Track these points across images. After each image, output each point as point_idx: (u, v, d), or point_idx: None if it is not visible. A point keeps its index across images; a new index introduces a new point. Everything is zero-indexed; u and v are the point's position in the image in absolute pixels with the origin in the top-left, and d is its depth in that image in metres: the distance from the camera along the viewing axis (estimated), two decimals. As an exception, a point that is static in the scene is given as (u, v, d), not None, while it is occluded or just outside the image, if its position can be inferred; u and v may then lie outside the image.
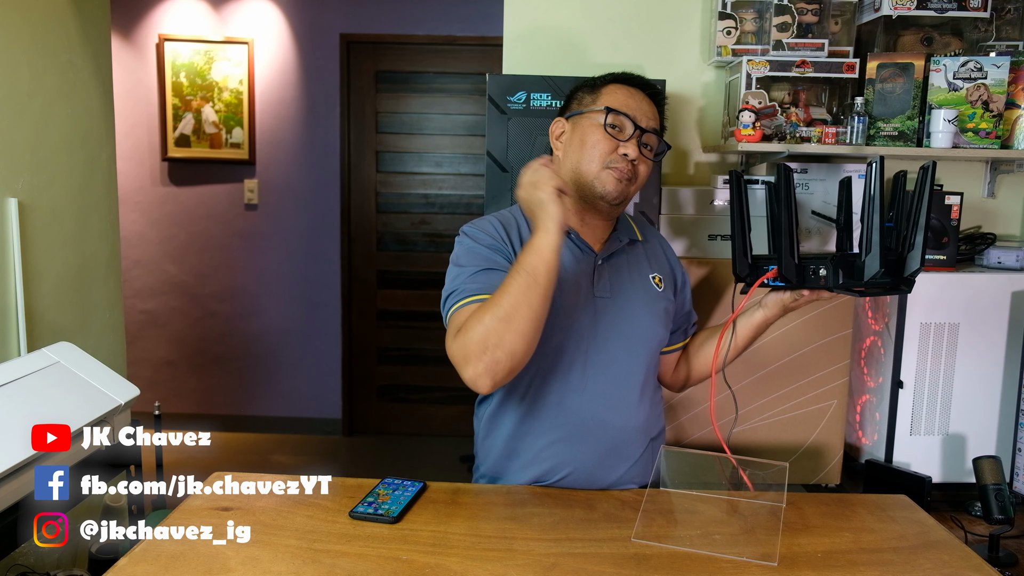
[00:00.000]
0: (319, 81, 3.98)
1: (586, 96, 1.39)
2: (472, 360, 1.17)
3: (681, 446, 1.76)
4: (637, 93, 1.38)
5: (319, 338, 4.15)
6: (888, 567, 1.11)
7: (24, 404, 1.46)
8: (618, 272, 1.41)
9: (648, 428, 1.42)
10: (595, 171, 1.34)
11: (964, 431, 1.75)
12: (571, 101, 1.43)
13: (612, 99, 1.36)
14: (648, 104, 1.39)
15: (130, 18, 3.93)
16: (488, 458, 1.42)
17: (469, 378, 1.19)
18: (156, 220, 4.09)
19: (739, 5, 1.93)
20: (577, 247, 1.39)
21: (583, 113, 1.38)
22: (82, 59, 2.42)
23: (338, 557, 1.09)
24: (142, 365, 4.14)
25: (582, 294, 1.35)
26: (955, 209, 1.80)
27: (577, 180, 1.36)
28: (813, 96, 1.91)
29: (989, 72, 1.85)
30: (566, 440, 1.35)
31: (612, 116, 1.34)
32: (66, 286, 2.35)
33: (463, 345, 1.18)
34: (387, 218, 4.08)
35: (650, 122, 1.37)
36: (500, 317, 1.16)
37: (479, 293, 1.25)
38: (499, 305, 1.17)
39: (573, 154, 1.37)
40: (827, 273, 1.27)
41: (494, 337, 1.15)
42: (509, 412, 1.38)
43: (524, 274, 1.18)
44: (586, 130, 1.36)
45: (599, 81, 1.41)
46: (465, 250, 1.34)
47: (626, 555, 1.12)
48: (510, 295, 1.17)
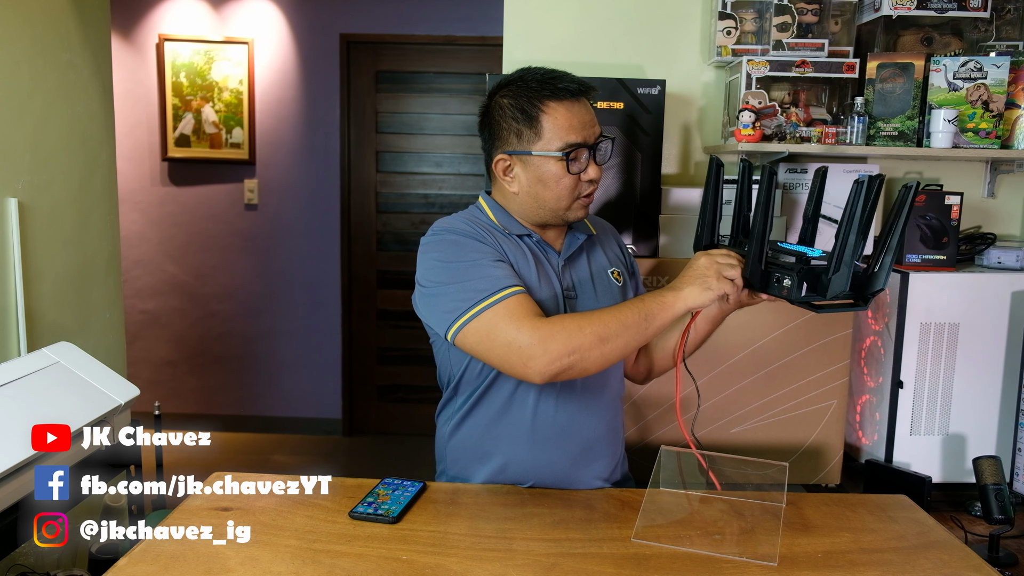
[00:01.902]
0: (319, 81, 3.98)
1: (524, 129, 1.29)
2: (551, 356, 1.17)
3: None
4: (574, 104, 1.29)
5: (319, 338, 4.15)
6: (888, 567, 1.12)
7: (24, 404, 1.46)
8: (581, 271, 1.40)
9: (616, 425, 1.44)
10: (565, 206, 1.32)
11: (964, 431, 1.75)
12: (503, 132, 1.32)
13: (556, 126, 1.28)
14: (586, 107, 1.31)
15: (130, 18, 3.93)
16: (456, 460, 1.41)
17: (538, 368, 1.17)
18: (156, 220, 4.09)
19: (739, 5, 1.93)
20: (541, 251, 1.37)
21: (531, 155, 1.29)
22: (82, 59, 2.42)
23: (338, 557, 1.09)
24: (142, 365, 4.14)
25: (552, 295, 1.34)
26: (955, 209, 1.80)
27: (543, 214, 1.34)
28: (813, 96, 1.91)
29: (989, 72, 1.85)
30: (539, 443, 1.35)
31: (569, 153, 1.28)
32: (66, 286, 2.35)
33: (546, 337, 1.17)
34: (387, 218, 4.08)
35: (596, 127, 1.31)
36: (600, 335, 1.18)
37: (516, 284, 1.24)
38: (604, 324, 1.19)
39: (534, 192, 1.32)
40: (791, 285, 1.20)
41: (585, 349, 1.17)
42: (481, 414, 1.37)
43: (641, 313, 1.20)
44: (542, 170, 1.30)
45: (529, 104, 1.29)
46: (456, 247, 1.30)
47: (626, 555, 1.12)
48: (618, 322, 1.19)
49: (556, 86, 1.29)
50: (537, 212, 1.35)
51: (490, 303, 1.21)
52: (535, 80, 1.30)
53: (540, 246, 1.37)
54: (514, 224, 1.37)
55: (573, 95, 1.29)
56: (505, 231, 1.35)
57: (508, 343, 1.19)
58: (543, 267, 1.35)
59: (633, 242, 1.89)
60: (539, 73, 1.31)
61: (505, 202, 1.38)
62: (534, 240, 1.37)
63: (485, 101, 1.37)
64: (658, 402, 1.75)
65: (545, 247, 1.38)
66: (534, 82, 1.30)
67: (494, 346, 1.21)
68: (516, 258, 1.32)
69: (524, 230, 1.36)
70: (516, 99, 1.30)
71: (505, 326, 1.19)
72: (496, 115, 1.33)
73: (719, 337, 1.47)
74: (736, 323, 1.43)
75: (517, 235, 1.36)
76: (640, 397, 1.76)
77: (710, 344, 1.48)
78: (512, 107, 1.31)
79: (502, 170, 1.34)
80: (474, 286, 1.23)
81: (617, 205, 1.87)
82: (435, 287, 1.28)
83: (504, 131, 1.32)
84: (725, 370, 1.74)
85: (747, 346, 1.74)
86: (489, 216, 1.38)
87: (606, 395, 1.41)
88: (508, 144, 1.32)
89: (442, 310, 1.26)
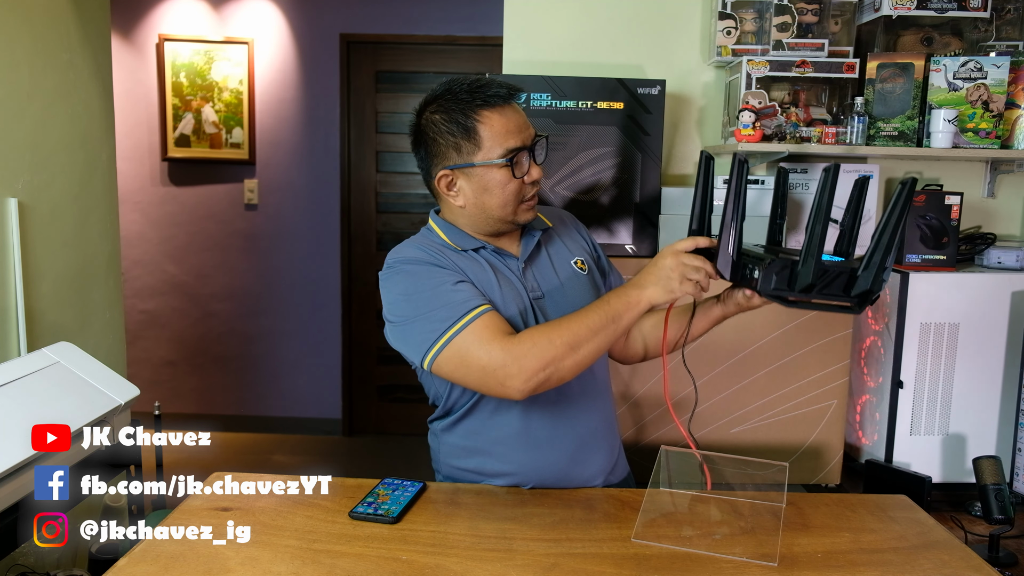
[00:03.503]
0: (319, 81, 3.98)
1: (463, 142, 1.28)
2: (527, 373, 1.18)
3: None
4: (506, 109, 1.29)
5: (319, 338, 4.15)
6: (888, 567, 1.12)
7: (24, 404, 1.46)
8: (543, 269, 1.39)
9: (608, 415, 1.44)
10: (512, 211, 1.32)
11: (964, 431, 1.75)
12: (440, 147, 1.31)
13: (494, 134, 1.27)
14: (516, 111, 1.31)
15: (130, 18, 3.93)
16: (451, 469, 1.41)
17: (516, 386, 1.18)
18: (156, 220, 4.09)
19: (739, 5, 1.93)
20: (499, 259, 1.36)
21: (474, 166, 1.29)
22: (82, 59, 2.42)
23: (338, 557, 1.09)
24: (142, 365, 4.14)
25: (520, 301, 1.33)
26: (955, 209, 1.80)
27: (492, 223, 1.34)
28: (813, 96, 1.91)
29: (989, 72, 1.85)
30: (534, 445, 1.34)
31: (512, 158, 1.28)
32: (66, 286, 2.35)
33: (519, 356, 1.18)
34: (387, 218, 4.08)
35: (530, 128, 1.31)
36: (570, 344, 1.19)
37: (480, 304, 1.24)
38: (573, 332, 1.19)
39: (480, 202, 1.32)
40: (760, 276, 1.17)
41: (558, 360, 1.18)
42: (472, 424, 1.36)
43: (608, 316, 1.21)
44: (487, 179, 1.29)
45: (463, 116, 1.28)
46: (414, 277, 1.29)
47: (626, 555, 1.12)
48: (587, 328, 1.20)
49: (487, 94, 1.27)
50: (486, 222, 1.34)
51: (457, 329, 1.22)
52: (463, 91, 1.28)
53: (497, 255, 1.36)
54: (466, 239, 1.35)
55: (504, 99, 1.29)
56: (458, 249, 1.34)
57: (483, 367, 1.20)
58: (503, 276, 1.34)
59: (633, 242, 1.89)
60: (465, 83, 1.29)
61: (453, 218, 1.37)
62: (489, 251, 1.36)
63: (414, 120, 1.35)
64: (658, 402, 1.75)
65: (503, 255, 1.37)
66: (463, 93, 1.28)
67: (469, 372, 1.22)
68: (475, 274, 1.31)
69: (477, 243, 1.35)
70: (448, 113, 1.29)
71: (476, 350, 1.20)
72: (430, 132, 1.32)
73: (720, 337, 1.46)
74: (736, 323, 1.43)
75: (472, 250, 1.35)
76: (640, 397, 1.76)
77: (711, 344, 1.48)
78: (446, 121, 1.29)
79: (445, 186, 1.33)
80: (438, 315, 1.23)
81: (617, 205, 1.87)
82: (402, 323, 1.29)
83: (441, 147, 1.31)
84: (725, 370, 1.74)
85: (747, 346, 1.74)
86: (440, 236, 1.37)
87: (593, 386, 1.40)
88: (448, 159, 1.31)
89: (413, 343, 1.27)
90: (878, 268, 1.13)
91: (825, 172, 1.13)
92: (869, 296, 1.16)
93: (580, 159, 1.84)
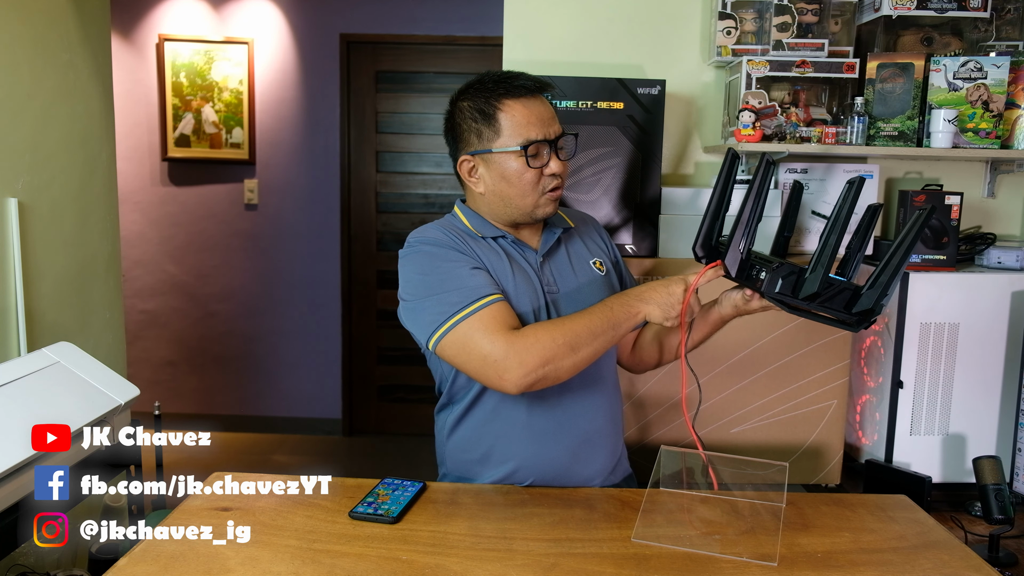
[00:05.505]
0: (319, 81, 3.98)
1: (484, 128, 1.32)
2: (526, 368, 1.19)
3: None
4: (531, 101, 1.32)
5: (319, 338, 4.15)
6: (888, 567, 1.12)
7: (24, 404, 1.46)
8: (561, 266, 1.41)
9: (615, 416, 1.44)
10: (532, 203, 1.34)
11: (964, 431, 1.75)
12: (464, 134, 1.35)
13: (514, 123, 1.30)
14: (544, 105, 1.33)
15: (130, 18, 3.93)
16: (456, 460, 1.42)
17: (513, 380, 1.20)
18: (156, 220, 4.09)
19: (739, 5, 1.93)
20: (518, 250, 1.38)
21: (492, 152, 1.32)
22: (82, 59, 2.42)
23: (338, 557, 1.09)
24: (142, 365, 4.14)
25: (535, 295, 1.34)
26: (955, 209, 1.80)
27: (512, 212, 1.36)
28: (813, 96, 1.91)
29: (989, 72, 1.85)
30: (537, 439, 1.35)
31: (527, 147, 1.30)
32: (66, 286, 2.35)
33: (521, 350, 1.20)
34: (387, 218, 4.08)
35: (556, 125, 1.33)
36: (570, 344, 1.21)
37: (492, 292, 1.26)
38: (575, 333, 1.22)
39: (499, 191, 1.34)
40: (766, 278, 1.18)
41: (557, 359, 1.20)
42: (477, 414, 1.37)
43: (609, 321, 1.23)
44: (504, 167, 1.32)
45: (486, 103, 1.32)
46: (432, 258, 1.32)
47: (626, 555, 1.12)
48: (588, 331, 1.22)
49: (512, 84, 1.32)
50: (506, 211, 1.36)
51: (465, 315, 1.23)
52: (492, 81, 1.33)
53: (516, 246, 1.38)
54: (487, 227, 1.38)
55: (530, 92, 1.32)
56: (479, 235, 1.36)
57: (483, 356, 1.21)
58: (519, 267, 1.35)
59: (633, 242, 1.89)
60: (496, 74, 1.34)
61: (476, 206, 1.40)
62: (509, 240, 1.38)
63: (448, 108, 1.39)
64: (659, 401, 1.76)
65: (522, 246, 1.39)
66: (491, 83, 1.33)
67: (470, 359, 1.23)
68: (492, 262, 1.33)
69: (497, 231, 1.38)
70: (474, 101, 1.33)
71: (480, 339, 1.22)
72: (457, 119, 1.36)
73: (720, 337, 1.47)
74: (736, 323, 1.43)
75: (492, 237, 1.37)
76: (641, 396, 1.76)
77: (711, 344, 1.48)
78: (471, 109, 1.34)
79: (467, 171, 1.37)
80: (449, 298, 1.25)
81: (617, 205, 1.87)
82: (414, 300, 1.31)
83: (465, 133, 1.35)
84: (725, 370, 1.74)
85: (747, 346, 1.74)
86: (463, 222, 1.40)
87: (601, 385, 1.41)
88: (470, 145, 1.35)
89: (422, 323, 1.29)
90: (883, 290, 1.14)
91: (849, 184, 1.14)
92: (869, 316, 1.17)
93: (580, 159, 1.84)
